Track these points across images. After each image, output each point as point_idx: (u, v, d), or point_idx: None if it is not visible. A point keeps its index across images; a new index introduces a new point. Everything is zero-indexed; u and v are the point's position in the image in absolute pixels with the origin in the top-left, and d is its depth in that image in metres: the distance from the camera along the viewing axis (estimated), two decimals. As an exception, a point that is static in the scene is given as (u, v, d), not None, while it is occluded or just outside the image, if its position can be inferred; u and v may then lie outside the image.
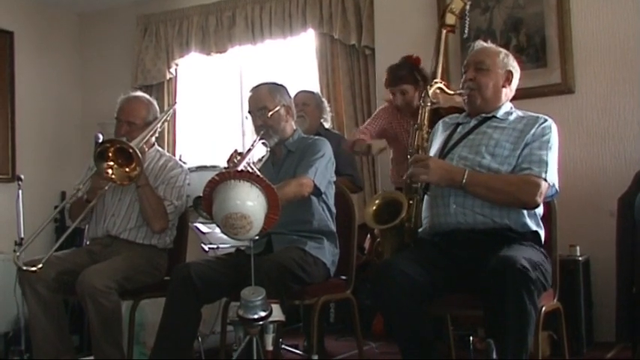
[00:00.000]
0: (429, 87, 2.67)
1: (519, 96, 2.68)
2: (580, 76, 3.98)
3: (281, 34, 5.15)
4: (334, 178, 3.05)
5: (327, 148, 2.98)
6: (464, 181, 2.39)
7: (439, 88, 2.67)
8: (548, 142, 2.47)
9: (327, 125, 4.11)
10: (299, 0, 5.06)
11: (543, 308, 2.34)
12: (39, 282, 2.93)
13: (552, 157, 2.46)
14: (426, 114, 2.64)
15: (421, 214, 2.60)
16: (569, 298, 3.39)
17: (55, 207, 5.57)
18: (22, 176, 4.03)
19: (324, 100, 4.19)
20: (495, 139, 2.51)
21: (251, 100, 3.03)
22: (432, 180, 2.44)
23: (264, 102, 2.97)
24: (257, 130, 2.98)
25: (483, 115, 2.61)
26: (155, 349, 2.73)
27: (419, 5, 4.44)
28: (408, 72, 3.73)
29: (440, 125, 2.76)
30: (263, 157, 2.88)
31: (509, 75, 2.61)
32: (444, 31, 3.53)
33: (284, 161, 3.01)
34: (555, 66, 4.02)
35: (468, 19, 3.48)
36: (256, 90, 3.04)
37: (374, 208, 2.60)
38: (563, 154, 2.55)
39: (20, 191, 3.99)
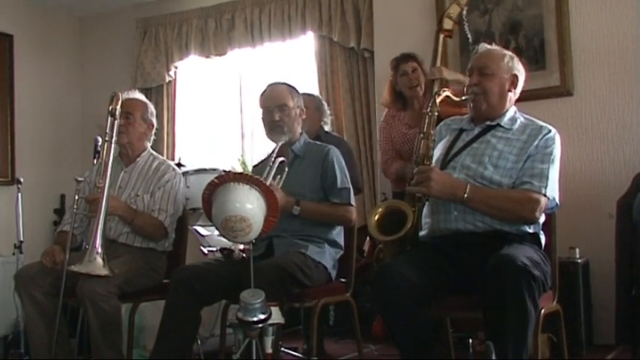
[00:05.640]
0: (436, 95, 2.61)
1: (518, 98, 2.66)
2: (579, 79, 3.98)
3: (280, 36, 5.15)
4: None
5: (342, 160, 3.02)
6: (465, 196, 2.38)
7: (447, 96, 2.61)
8: (550, 154, 2.45)
9: (327, 128, 4.11)
10: (298, 3, 5.06)
11: (543, 310, 2.34)
12: (35, 287, 2.93)
13: (554, 171, 2.45)
14: (433, 123, 2.58)
15: (421, 218, 2.59)
16: (569, 301, 3.39)
17: (55, 210, 5.59)
18: (22, 179, 4.03)
19: (324, 103, 4.17)
20: (499, 149, 2.49)
21: (270, 96, 3.02)
22: (432, 194, 2.42)
23: (285, 99, 2.99)
24: (270, 125, 2.98)
25: (488, 123, 2.58)
26: (155, 351, 2.74)
27: (418, 8, 4.44)
28: (413, 56, 3.81)
29: (442, 128, 2.73)
30: (281, 163, 2.86)
31: (514, 79, 2.58)
32: (442, 36, 3.55)
33: (290, 166, 2.97)
34: (554, 68, 4.02)
35: (466, 23, 3.49)
36: (275, 87, 3.05)
37: (377, 217, 2.54)
38: (562, 157, 2.53)
39: (20, 194, 3.99)
